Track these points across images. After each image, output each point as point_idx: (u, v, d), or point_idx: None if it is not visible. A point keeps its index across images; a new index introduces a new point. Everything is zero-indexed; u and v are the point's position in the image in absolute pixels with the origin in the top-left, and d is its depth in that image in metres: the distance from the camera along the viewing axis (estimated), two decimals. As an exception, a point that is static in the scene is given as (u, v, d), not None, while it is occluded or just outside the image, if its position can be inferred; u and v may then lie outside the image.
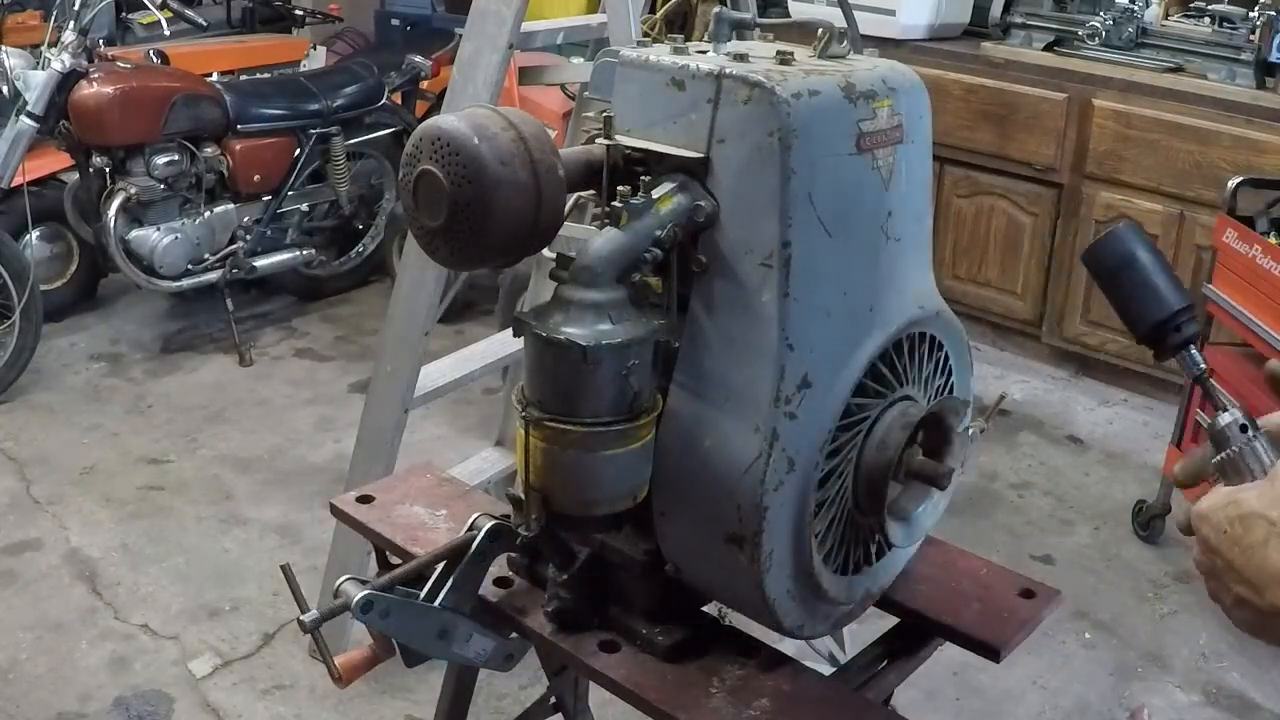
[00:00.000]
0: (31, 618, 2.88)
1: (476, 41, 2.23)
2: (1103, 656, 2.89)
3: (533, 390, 1.14)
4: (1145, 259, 1.09)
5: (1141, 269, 1.09)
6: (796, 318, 1.14)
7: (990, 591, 1.42)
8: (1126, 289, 1.10)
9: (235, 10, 5.92)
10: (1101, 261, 1.11)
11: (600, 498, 1.16)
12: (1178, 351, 1.09)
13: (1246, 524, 0.85)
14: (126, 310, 4.73)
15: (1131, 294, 1.10)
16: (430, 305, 2.44)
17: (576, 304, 1.11)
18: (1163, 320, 1.08)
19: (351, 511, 1.54)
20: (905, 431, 1.21)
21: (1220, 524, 0.87)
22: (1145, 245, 1.10)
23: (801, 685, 1.25)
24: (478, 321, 4.58)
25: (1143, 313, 1.09)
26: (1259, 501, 0.86)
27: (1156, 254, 1.11)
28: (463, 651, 1.30)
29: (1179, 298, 1.08)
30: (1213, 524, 0.88)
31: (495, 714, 2.57)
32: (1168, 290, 1.09)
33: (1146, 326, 1.09)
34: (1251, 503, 0.86)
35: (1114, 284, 1.11)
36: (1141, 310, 1.09)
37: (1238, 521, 0.86)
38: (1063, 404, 4.22)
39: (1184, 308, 1.08)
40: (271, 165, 4.37)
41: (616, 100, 1.24)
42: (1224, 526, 0.87)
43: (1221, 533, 0.87)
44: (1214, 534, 0.88)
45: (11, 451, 3.64)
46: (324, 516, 2.50)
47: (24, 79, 3.88)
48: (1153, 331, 1.09)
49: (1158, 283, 1.09)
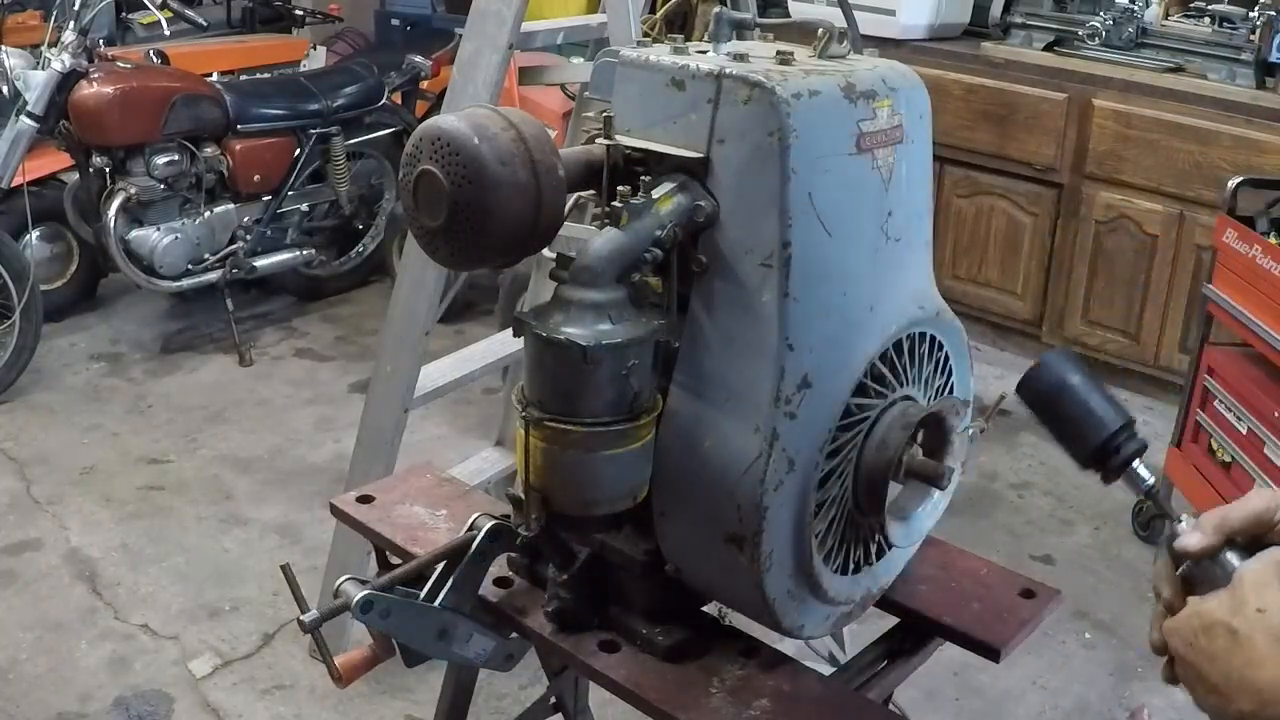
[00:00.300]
0: (31, 618, 2.88)
1: (476, 41, 2.23)
2: (1103, 656, 2.89)
3: (533, 390, 1.14)
4: (1077, 383, 1.07)
5: (1074, 394, 1.07)
6: (796, 318, 1.14)
7: (990, 591, 1.42)
8: (1062, 418, 1.07)
9: (235, 10, 5.92)
10: (1034, 393, 1.09)
11: (600, 498, 1.16)
12: (1122, 471, 1.07)
13: (1210, 634, 0.87)
14: (126, 310, 4.73)
15: (1068, 422, 1.07)
16: (430, 305, 2.44)
17: (576, 304, 1.11)
18: (1102, 443, 1.06)
19: (351, 511, 1.54)
20: (905, 431, 1.21)
21: (1187, 636, 0.89)
22: (1076, 369, 1.08)
23: (801, 685, 1.25)
24: (478, 321, 4.58)
25: (1082, 439, 1.07)
26: (1220, 610, 0.87)
27: (1089, 375, 1.08)
28: (463, 651, 1.30)
29: (1116, 417, 1.06)
30: (1181, 636, 0.90)
31: (495, 714, 2.57)
32: (1104, 411, 1.06)
33: (1087, 452, 1.07)
34: (1214, 612, 0.88)
35: (1049, 414, 1.08)
36: (1080, 437, 1.07)
37: (1202, 632, 0.87)
38: (1063, 404, 4.22)
39: (1122, 426, 1.06)
40: (271, 165, 4.37)
41: (616, 100, 1.24)
42: (1189, 639, 0.89)
43: (1188, 645, 0.89)
44: (1182, 646, 0.89)
45: (11, 451, 3.64)
46: (324, 516, 2.50)
47: (24, 79, 3.88)
48: (1095, 456, 1.07)
49: (1093, 405, 1.06)
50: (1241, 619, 0.85)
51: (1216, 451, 3.14)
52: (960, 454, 1.25)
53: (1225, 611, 0.87)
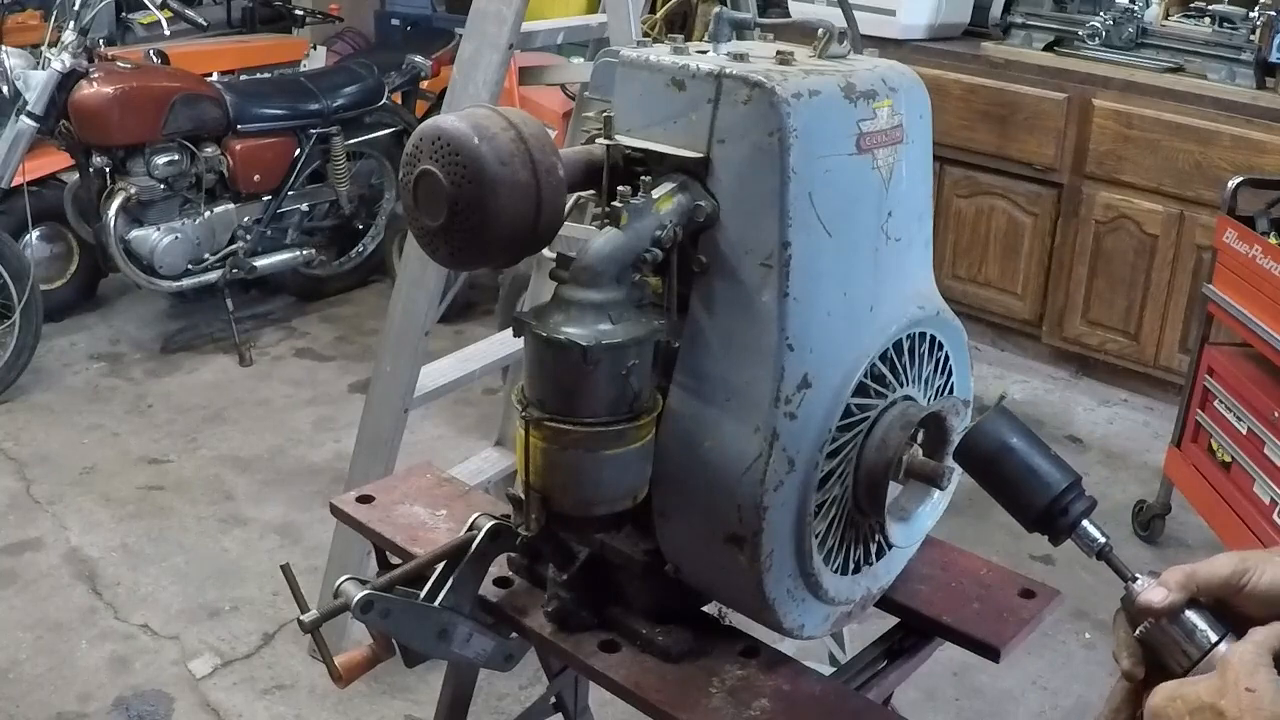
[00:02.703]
0: (31, 618, 2.88)
1: (476, 41, 2.23)
2: (1103, 656, 2.89)
3: (533, 390, 1.14)
4: (1019, 445, 1.03)
5: (1015, 456, 1.02)
6: (796, 318, 1.14)
7: (990, 591, 1.42)
8: (1004, 482, 1.03)
9: (235, 10, 5.93)
10: (973, 458, 1.05)
11: (600, 498, 1.16)
12: (1071, 532, 1.02)
13: (1198, 717, 0.84)
14: (126, 310, 4.73)
15: (1010, 486, 1.03)
16: (430, 305, 2.44)
17: (576, 304, 1.11)
18: (1048, 505, 1.01)
19: (351, 511, 1.54)
20: (905, 431, 1.20)
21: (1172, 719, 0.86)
22: (1016, 429, 1.04)
23: (801, 685, 1.25)
24: (478, 321, 4.58)
25: (1026, 503, 1.02)
26: (1207, 693, 0.85)
27: (1030, 435, 1.04)
28: (463, 651, 1.30)
29: (1061, 477, 1.01)
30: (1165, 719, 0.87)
31: (495, 714, 2.57)
32: (1048, 472, 1.02)
33: (1034, 515, 1.02)
34: (1201, 695, 0.85)
35: (990, 479, 1.04)
36: (1024, 501, 1.02)
37: (1189, 715, 0.85)
38: (1063, 404, 4.22)
39: (1068, 486, 1.01)
40: (271, 165, 4.37)
41: (616, 100, 1.24)
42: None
43: None
44: None
45: (11, 451, 3.64)
46: (324, 516, 2.50)
47: (24, 79, 3.89)
48: (1041, 518, 1.02)
49: (1036, 465, 1.02)
50: (1230, 700, 0.82)
51: (1216, 451, 3.14)
52: (960, 454, 1.25)
53: (1212, 693, 0.83)
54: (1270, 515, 2.89)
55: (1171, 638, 0.93)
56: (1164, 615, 0.94)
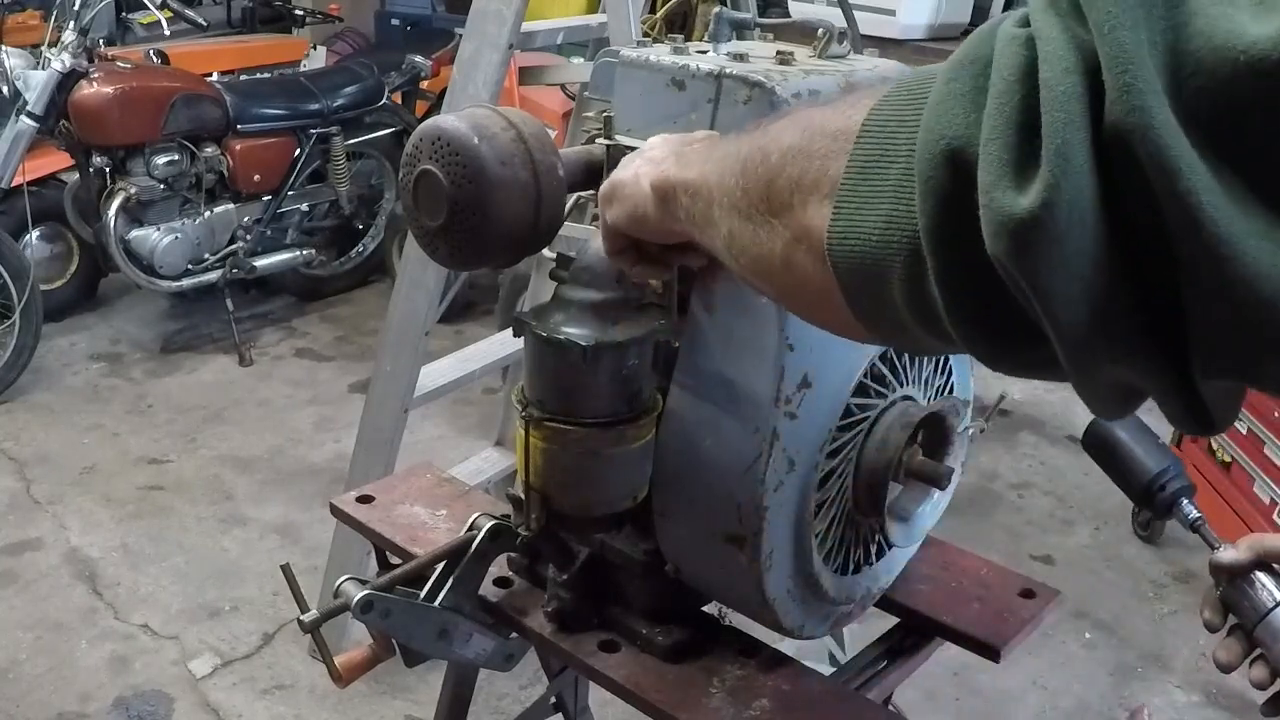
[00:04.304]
0: (31, 618, 2.88)
1: (476, 41, 2.23)
2: (1103, 656, 2.89)
3: (533, 390, 1.14)
4: (1123, 437, 1.27)
5: (1122, 446, 1.27)
6: (797, 318, 1.14)
7: (990, 591, 1.42)
8: (1115, 466, 1.28)
9: (235, 10, 5.93)
10: (1092, 448, 1.31)
11: (600, 498, 1.16)
12: (1170, 507, 1.24)
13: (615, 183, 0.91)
14: (126, 310, 4.73)
15: (1120, 469, 1.27)
16: (430, 305, 2.44)
17: (576, 304, 1.11)
18: (1146, 485, 1.25)
19: (351, 511, 1.54)
20: (905, 431, 1.20)
21: None
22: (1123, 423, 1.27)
23: (801, 685, 1.25)
24: (478, 321, 4.58)
25: (1131, 482, 1.27)
26: None
27: (1139, 428, 1.27)
28: (463, 651, 1.30)
29: (1157, 461, 1.25)
30: None
31: (495, 714, 2.57)
32: (1146, 458, 1.26)
33: (1137, 493, 1.27)
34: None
35: (1106, 465, 1.29)
36: (1130, 480, 1.27)
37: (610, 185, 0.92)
38: (1063, 404, 4.22)
39: (1163, 469, 1.25)
40: (271, 165, 4.37)
41: (616, 100, 1.24)
42: None
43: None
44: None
45: (11, 451, 3.64)
46: (324, 516, 2.50)
47: (24, 79, 3.89)
48: (1143, 496, 1.26)
49: (1138, 454, 1.26)
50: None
51: (1216, 451, 3.15)
52: (960, 454, 1.25)
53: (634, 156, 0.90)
54: (1270, 515, 2.90)
55: (1243, 595, 1.10)
56: (1232, 573, 1.10)
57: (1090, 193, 0.46)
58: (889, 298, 0.59)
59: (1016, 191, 0.48)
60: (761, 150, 0.69)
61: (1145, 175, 0.45)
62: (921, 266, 0.56)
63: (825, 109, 0.67)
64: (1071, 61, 0.47)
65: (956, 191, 0.52)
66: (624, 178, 0.89)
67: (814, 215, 0.64)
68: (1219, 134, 0.44)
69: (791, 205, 0.66)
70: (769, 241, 0.68)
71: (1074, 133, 0.46)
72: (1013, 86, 0.49)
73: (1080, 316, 0.49)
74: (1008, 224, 0.48)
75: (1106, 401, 0.55)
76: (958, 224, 0.52)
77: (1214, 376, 0.49)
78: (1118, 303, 0.48)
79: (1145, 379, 0.51)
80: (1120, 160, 0.46)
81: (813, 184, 0.64)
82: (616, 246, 0.96)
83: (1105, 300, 0.48)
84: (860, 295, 0.62)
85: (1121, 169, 0.46)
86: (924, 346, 0.65)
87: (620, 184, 0.89)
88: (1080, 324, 0.49)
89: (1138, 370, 0.50)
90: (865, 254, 0.59)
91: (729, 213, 0.73)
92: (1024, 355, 0.55)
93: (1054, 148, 0.46)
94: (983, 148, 0.50)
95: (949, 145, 0.52)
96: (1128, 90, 0.44)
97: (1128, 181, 0.46)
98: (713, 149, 0.79)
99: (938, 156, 0.53)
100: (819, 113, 0.67)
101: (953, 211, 0.52)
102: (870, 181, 0.59)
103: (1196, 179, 0.43)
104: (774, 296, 0.75)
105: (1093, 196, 0.47)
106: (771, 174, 0.68)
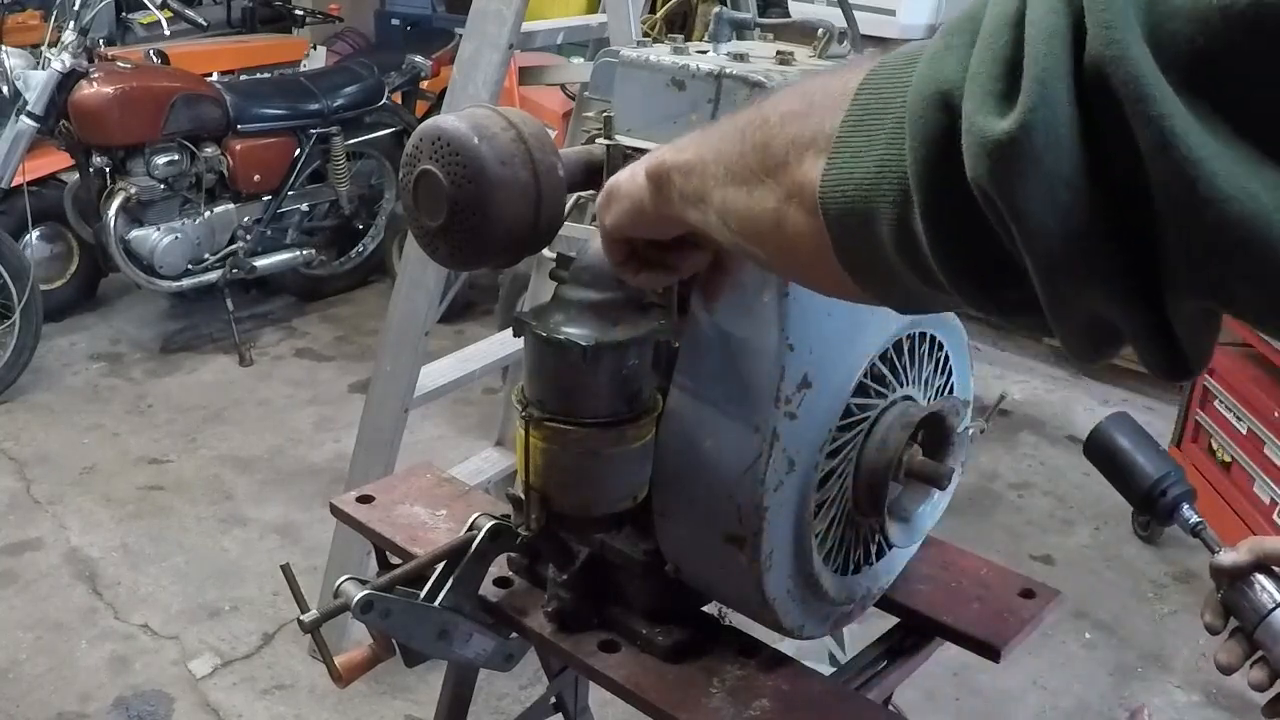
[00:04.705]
0: (31, 618, 2.88)
1: (476, 41, 2.23)
2: (1103, 656, 2.90)
3: (533, 390, 1.14)
4: (1124, 444, 1.29)
5: (1123, 453, 1.29)
6: (796, 318, 1.14)
7: (990, 591, 1.42)
8: (1117, 473, 1.29)
9: (235, 10, 5.93)
10: (1093, 455, 1.32)
11: (600, 498, 1.16)
12: (1171, 512, 1.25)
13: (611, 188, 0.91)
14: (126, 310, 4.73)
15: (1121, 476, 1.29)
16: (430, 305, 2.44)
17: (576, 304, 1.11)
18: (1147, 489, 1.26)
19: (351, 511, 1.54)
20: (905, 431, 1.20)
21: None
22: (1124, 430, 1.30)
23: (801, 685, 1.25)
24: (478, 321, 4.59)
25: (1131, 488, 1.28)
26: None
27: (1139, 435, 1.30)
28: (463, 651, 1.30)
29: (1158, 467, 1.26)
30: None
31: (495, 714, 2.57)
32: (1147, 464, 1.27)
33: (1137, 498, 1.28)
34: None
35: (1107, 471, 1.31)
36: (1131, 486, 1.28)
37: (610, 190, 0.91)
38: (1063, 404, 4.22)
39: (1162, 475, 1.25)
40: (271, 165, 4.37)
41: (616, 100, 1.24)
42: None
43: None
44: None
45: (11, 451, 3.64)
46: (324, 516, 2.51)
47: (24, 79, 3.89)
48: (1143, 501, 1.27)
49: (1138, 459, 1.28)
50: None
51: (1216, 451, 3.15)
52: (960, 454, 1.25)
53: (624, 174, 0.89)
54: (1270, 515, 2.90)
55: (1243, 597, 1.10)
56: (1232, 576, 1.10)
57: (1068, 120, 0.48)
58: (877, 242, 0.60)
59: (997, 117, 0.50)
60: (760, 116, 0.71)
61: (1120, 102, 0.46)
62: (909, 205, 0.57)
63: (825, 75, 0.69)
64: (1057, 4, 0.49)
65: (945, 129, 0.54)
66: (620, 178, 0.90)
67: (809, 169, 0.65)
68: (1194, 77, 0.46)
69: (787, 162, 0.67)
70: (763, 201, 0.69)
71: (1054, 63, 0.48)
72: (1002, 29, 0.51)
73: (1056, 241, 0.50)
74: (986, 144, 0.50)
75: (1082, 341, 0.56)
76: (943, 157, 0.54)
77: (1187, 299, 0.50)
78: (1093, 229, 0.50)
79: (1119, 311, 0.52)
80: (1097, 90, 0.47)
81: (809, 140, 0.65)
82: (617, 255, 0.95)
83: (1081, 225, 0.49)
84: (850, 243, 0.63)
85: (1098, 98, 0.48)
86: (914, 300, 0.66)
87: (616, 184, 0.90)
88: (1056, 248, 0.50)
89: (1113, 302, 0.51)
90: (856, 198, 0.61)
91: (723, 182, 0.74)
92: (1005, 294, 0.56)
93: (1034, 75, 0.48)
94: (969, 83, 0.52)
95: (940, 89, 0.54)
96: (1108, 27, 0.46)
97: (1104, 110, 0.47)
98: (709, 130, 0.79)
99: (929, 99, 0.55)
100: (818, 79, 0.69)
101: (939, 146, 0.54)
102: (864, 132, 0.61)
103: (1170, 105, 0.45)
104: (767, 261, 0.75)
105: (1070, 123, 0.48)
106: (769, 136, 0.69)
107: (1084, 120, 0.48)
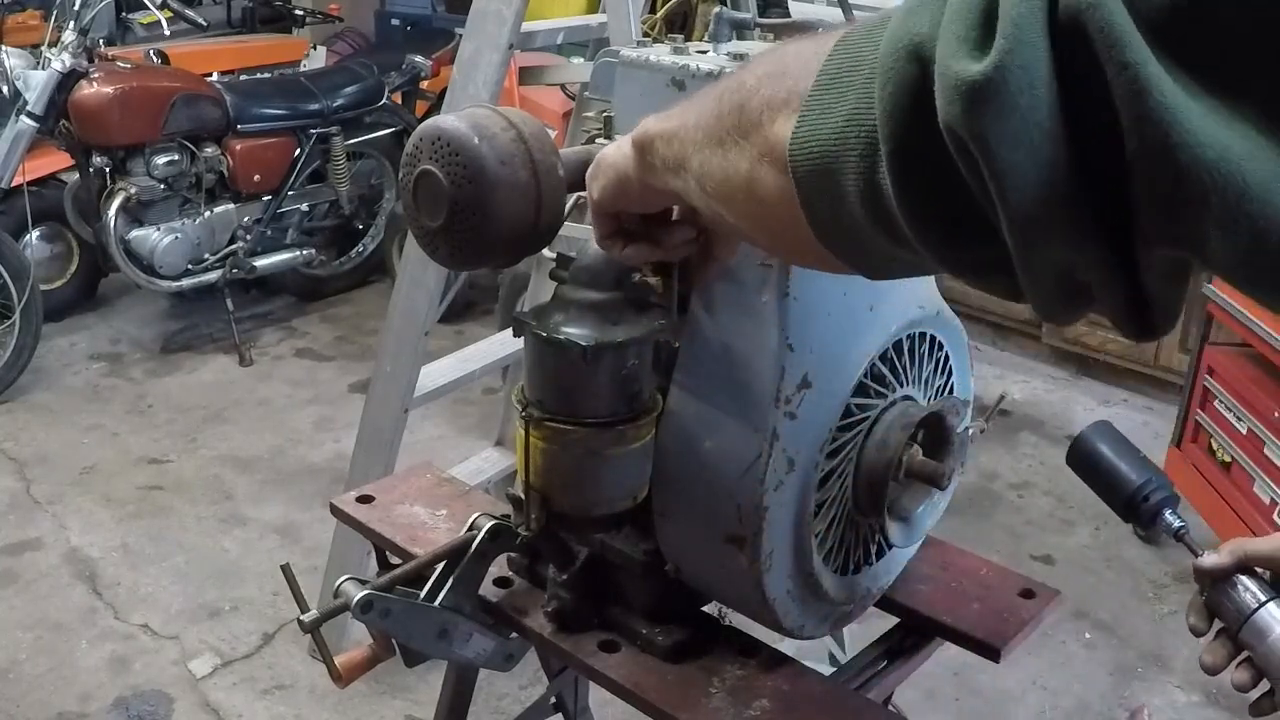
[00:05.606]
0: (31, 618, 2.88)
1: (476, 41, 2.23)
2: (1103, 656, 2.90)
3: (533, 390, 1.14)
4: (1106, 450, 1.30)
5: (1105, 460, 1.29)
6: (796, 318, 1.14)
7: (990, 591, 1.42)
8: (1099, 480, 1.30)
9: (235, 10, 5.94)
10: (1075, 464, 1.33)
11: (600, 498, 1.16)
12: (1154, 517, 1.26)
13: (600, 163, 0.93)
14: (126, 310, 4.73)
15: (1104, 483, 1.29)
16: (430, 305, 2.44)
17: (576, 304, 1.11)
18: (1129, 496, 1.26)
19: (351, 511, 1.54)
20: (905, 431, 1.20)
21: None
22: (1105, 438, 1.31)
23: (801, 685, 1.25)
24: (478, 321, 4.59)
25: (1114, 495, 1.28)
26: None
27: (1120, 442, 1.30)
28: (463, 651, 1.30)
29: (1140, 474, 1.27)
30: None
31: (495, 714, 2.57)
32: (1129, 471, 1.28)
33: (1120, 505, 1.28)
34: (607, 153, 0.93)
35: (1089, 479, 1.31)
36: (1113, 493, 1.28)
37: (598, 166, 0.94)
38: (1063, 404, 4.22)
39: (1144, 481, 1.26)
40: (271, 165, 4.37)
41: (616, 100, 1.24)
42: None
43: None
44: None
45: (11, 451, 3.64)
46: (324, 516, 2.51)
47: (24, 79, 3.89)
48: (1126, 507, 1.27)
49: (1120, 466, 1.28)
50: None
51: (1216, 451, 3.15)
52: (960, 454, 1.25)
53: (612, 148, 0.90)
54: (1270, 515, 2.90)
55: (1225, 598, 1.11)
56: (1214, 577, 1.11)
57: (1043, 64, 0.48)
58: (844, 198, 0.60)
59: (971, 61, 0.49)
60: (738, 80, 0.72)
61: (1095, 49, 0.46)
62: (876, 159, 0.57)
63: (802, 40, 0.69)
64: None
65: (916, 78, 0.54)
66: (608, 149, 0.91)
67: (781, 128, 0.65)
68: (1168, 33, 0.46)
69: (760, 123, 0.67)
70: (737, 163, 0.70)
71: (1030, 9, 0.48)
72: None
73: (1028, 187, 0.49)
74: (960, 86, 0.49)
75: (1051, 297, 0.55)
76: (913, 105, 0.54)
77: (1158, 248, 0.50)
78: (1066, 177, 0.49)
79: (1090, 261, 0.51)
80: (1072, 36, 0.47)
81: (783, 101, 0.66)
82: (604, 229, 0.96)
83: (1053, 172, 0.49)
84: (819, 201, 0.63)
85: (1073, 45, 0.47)
86: (883, 263, 0.66)
87: (603, 156, 0.91)
88: (1027, 195, 0.50)
89: (1084, 252, 0.51)
90: (824, 153, 0.61)
91: (702, 146, 0.74)
92: (974, 252, 0.56)
93: (1009, 19, 0.48)
94: (943, 31, 0.52)
95: (913, 41, 0.54)
96: None
97: (1079, 57, 0.47)
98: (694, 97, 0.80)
99: (900, 51, 0.55)
100: (795, 43, 0.70)
101: (910, 95, 0.54)
102: (835, 90, 0.61)
103: (1143, 53, 0.45)
104: (741, 227, 0.76)
105: (1045, 68, 0.48)
106: (745, 98, 0.70)
107: (1058, 66, 0.48)
